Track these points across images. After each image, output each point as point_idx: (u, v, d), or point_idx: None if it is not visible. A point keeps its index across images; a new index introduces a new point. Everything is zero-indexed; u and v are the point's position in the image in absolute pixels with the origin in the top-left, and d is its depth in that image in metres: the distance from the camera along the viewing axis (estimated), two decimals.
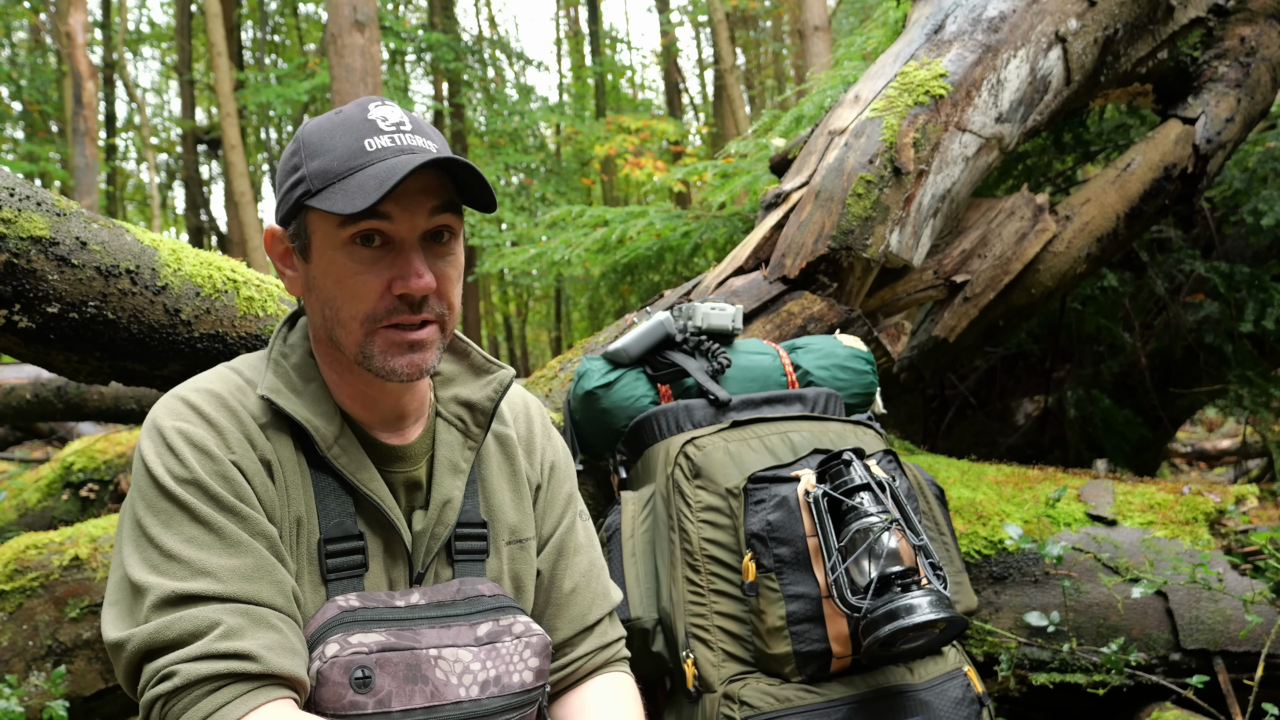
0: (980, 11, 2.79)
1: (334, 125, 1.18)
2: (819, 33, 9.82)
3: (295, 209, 1.17)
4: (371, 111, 1.18)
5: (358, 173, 1.12)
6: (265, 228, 1.22)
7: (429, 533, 1.25)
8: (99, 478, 3.48)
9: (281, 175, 1.20)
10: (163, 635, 1.05)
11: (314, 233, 1.17)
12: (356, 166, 1.13)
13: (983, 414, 4.36)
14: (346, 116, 1.18)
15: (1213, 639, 2.13)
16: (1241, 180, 3.75)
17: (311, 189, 1.14)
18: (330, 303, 1.17)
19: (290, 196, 1.17)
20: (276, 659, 1.06)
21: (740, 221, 4.11)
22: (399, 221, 1.14)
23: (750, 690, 1.63)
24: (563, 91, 21.32)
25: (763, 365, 2.07)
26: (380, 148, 1.14)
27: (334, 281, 1.16)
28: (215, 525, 1.10)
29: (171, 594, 1.06)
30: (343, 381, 1.24)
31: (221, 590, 1.07)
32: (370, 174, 1.11)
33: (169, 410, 1.17)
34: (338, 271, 1.15)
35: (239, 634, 1.06)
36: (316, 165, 1.15)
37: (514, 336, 19.39)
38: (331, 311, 1.18)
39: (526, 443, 1.42)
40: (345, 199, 1.11)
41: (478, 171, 1.14)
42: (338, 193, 1.12)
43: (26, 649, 2.08)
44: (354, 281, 1.15)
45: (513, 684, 1.20)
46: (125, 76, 17.72)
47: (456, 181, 1.17)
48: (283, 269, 1.23)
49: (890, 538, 1.54)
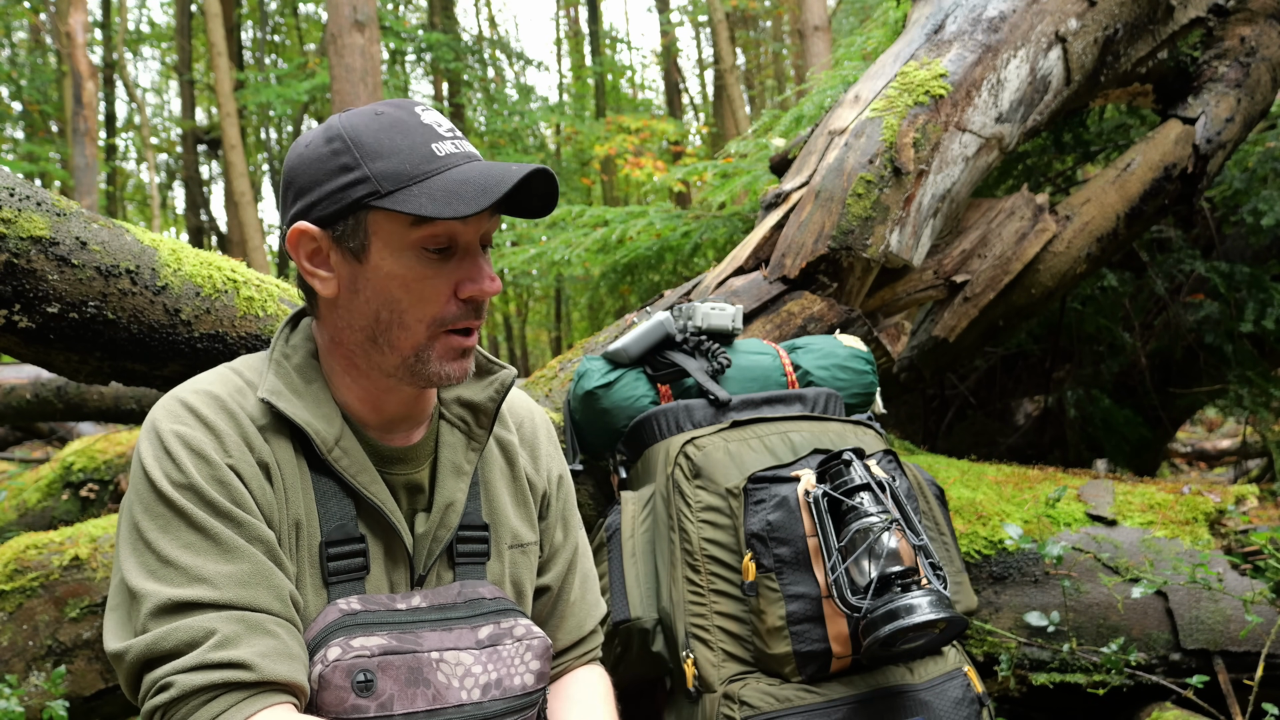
0: (980, 11, 2.79)
1: (387, 127, 1.16)
2: (819, 33, 9.82)
3: (351, 208, 1.15)
4: (423, 116, 1.18)
5: (434, 176, 1.13)
6: (293, 226, 1.18)
7: (431, 535, 1.25)
8: (99, 478, 3.48)
9: (321, 174, 1.17)
10: (160, 646, 1.05)
11: (375, 234, 1.15)
12: (431, 170, 1.13)
13: (983, 414, 4.36)
14: (397, 119, 1.17)
15: (1213, 639, 2.13)
16: (1241, 180, 3.75)
17: (381, 190, 1.13)
18: (392, 305, 1.17)
19: (343, 196, 1.15)
20: (272, 666, 1.06)
21: (740, 221, 4.11)
22: (470, 225, 1.16)
23: (750, 690, 1.63)
24: (563, 91, 21.32)
25: (763, 365, 2.07)
26: (449, 153, 1.15)
27: (400, 284, 1.16)
28: (211, 531, 1.10)
29: (168, 601, 1.06)
30: (355, 385, 1.23)
31: (217, 597, 1.07)
32: (452, 179, 1.13)
33: (167, 413, 1.16)
34: (405, 274, 1.15)
35: (234, 642, 1.05)
36: (383, 166, 1.13)
37: (514, 336, 19.39)
38: (392, 314, 1.17)
39: (531, 449, 1.42)
40: (431, 202, 1.11)
41: (556, 183, 1.17)
42: (419, 195, 1.12)
43: (26, 649, 2.08)
44: (423, 285, 1.15)
45: (514, 687, 1.20)
46: (125, 76, 17.73)
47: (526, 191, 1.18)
48: (314, 269, 1.19)
49: (890, 538, 1.54)
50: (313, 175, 1.17)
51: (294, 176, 1.19)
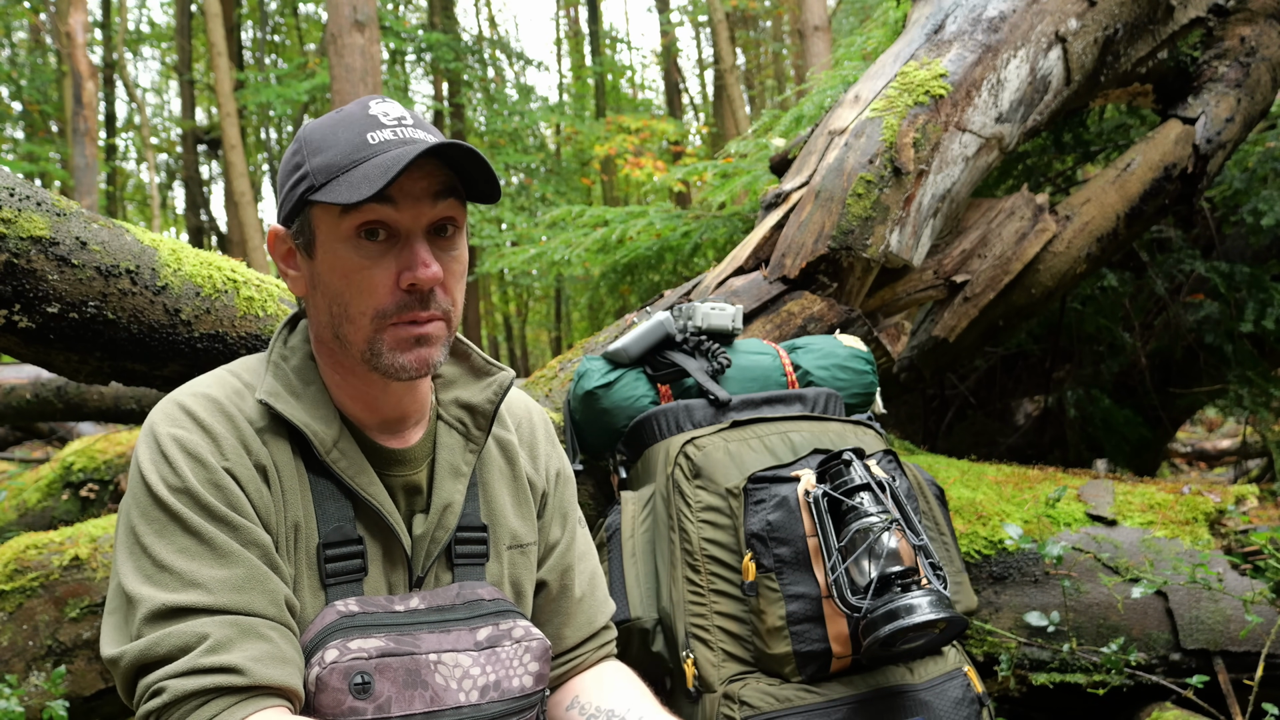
0: (980, 11, 2.78)
1: (335, 122, 1.18)
2: (819, 33, 9.82)
3: (298, 206, 1.17)
4: (373, 108, 1.18)
5: (361, 164, 1.12)
6: (268, 229, 1.23)
7: (429, 537, 1.24)
8: (99, 478, 3.48)
9: (283, 175, 1.21)
10: (153, 651, 1.05)
11: (318, 228, 1.17)
12: (360, 159, 1.13)
13: (983, 414, 4.36)
14: (347, 114, 1.19)
15: (1213, 639, 2.13)
16: (1241, 180, 3.75)
17: (315, 184, 1.14)
18: (337, 298, 1.16)
19: (293, 194, 1.18)
20: (264, 670, 1.06)
21: (740, 221, 4.11)
22: (403, 210, 1.13)
23: (750, 690, 1.63)
24: (563, 91, 21.32)
25: (763, 365, 2.07)
26: (383, 140, 1.14)
27: (340, 276, 1.15)
28: (206, 535, 1.10)
29: (162, 606, 1.06)
30: (345, 383, 1.23)
31: (211, 602, 1.07)
32: (374, 164, 1.11)
33: (165, 416, 1.16)
34: (344, 266, 1.15)
35: (226, 647, 1.05)
36: (319, 160, 1.15)
37: (514, 336, 19.39)
38: (339, 308, 1.16)
39: (530, 448, 1.41)
40: (349, 189, 1.10)
41: (480, 156, 1.13)
42: (341, 184, 1.12)
43: (26, 649, 2.08)
44: (361, 276, 1.14)
45: (512, 689, 1.20)
46: (125, 76, 17.73)
47: (460, 173, 1.17)
48: (285, 269, 1.23)
49: (890, 538, 1.54)
50: (282, 178, 1.22)
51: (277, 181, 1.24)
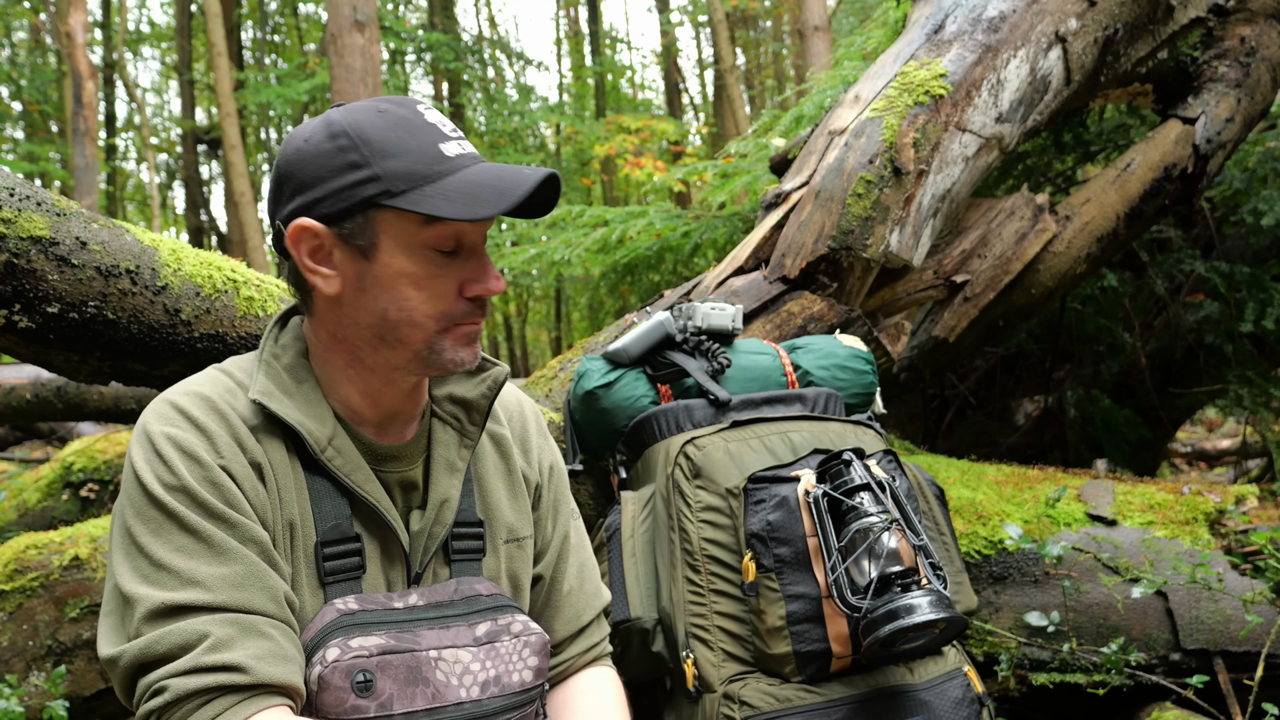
0: (980, 11, 2.78)
1: (394, 125, 1.16)
2: (819, 33, 9.82)
3: (360, 207, 1.15)
4: (426, 115, 1.19)
5: (446, 178, 1.14)
6: (294, 223, 1.17)
7: (426, 532, 1.25)
8: (99, 478, 3.48)
9: (324, 170, 1.15)
10: (153, 650, 1.05)
11: (384, 232, 1.15)
12: (443, 171, 1.14)
13: (983, 414, 4.36)
14: (402, 118, 1.17)
15: (1213, 639, 2.13)
16: (1241, 180, 3.75)
17: (393, 189, 1.13)
18: (400, 303, 1.17)
19: (352, 194, 1.14)
20: (266, 668, 1.06)
21: (740, 221, 4.11)
22: (479, 226, 1.18)
23: (750, 690, 1.63)
24: (563, 91, 21.31)
25: (763, 365, 2.07)
26: (457, 155, 1.16)
27: (410, 283, 1.17)
28: (204, 533, 1.09)
29: (161, 605, 1.06)
30: (357, 380, 1.23)
31: (211, 600, 1.07)
32: (469, 181, 1.14)
33: (158, 415, 1.16)
34: (415, 273, 1.16)
35: (228, 645, 1.05)
36: (393, 165, 1.13)
37: (514, 336, 19.39)
38: (400, 312, 1.17)
39: (522, 442, 1.42)
40: (450, 203, 1.12)
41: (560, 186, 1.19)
42: (434, 197, 1.12)
43: (26, 649, 2.08)
44: (433, 284, 1.17)
45: (512, 683, 1.20)
46: (125, 76, 17.73)
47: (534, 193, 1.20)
48: (316, 267, 1.18)
49: (890, 538, 1.54)
50: (315, 171, 1.16)
51: (292, 171, 1.17)
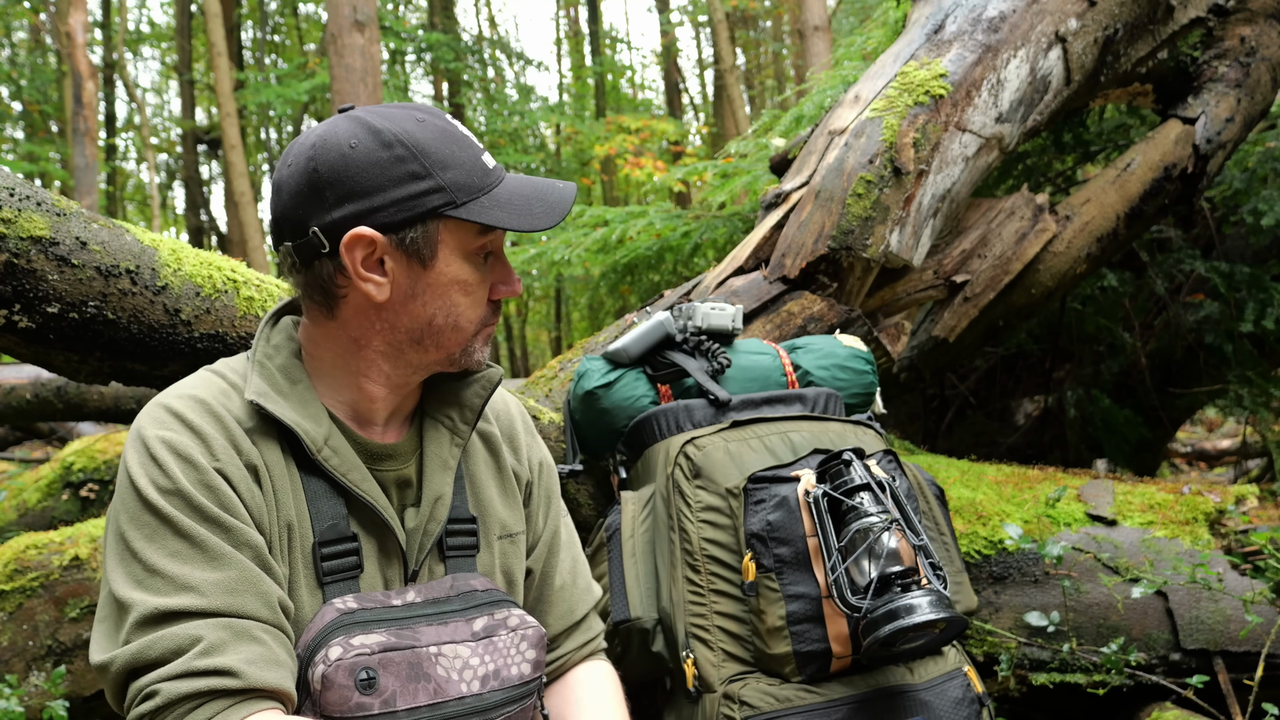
0: (980, 11, 2.79)
1: (440, 136, 1.19)
2: (819, 33, 9.82)
3: (423, 216, 1.16)
4: (459, 126, 1.24)
5: (493, 189, 1.19)
6: (351, 231, 1.16)
7: (422, 530, 1.25)
8: (99, 478, 3.48)
9: (383, 180, 1.15)
10: (145, 655, 1.05)
11: (443, 241, 1.19)
12: (489, 183, 1.20)
13: (983, 414, 4.36)
14: (445, 130, 1.20)
15: (1213, 639, 2.13)
16: (1241, 180, 3.75)
17: (456, 200, 1.16)
18: (451, 308, 1.22)
19: (417, 203, 1.15)
20: (258, 673, 1.06)
21: (740, 221, 4.11)
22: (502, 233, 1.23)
23: (750, 690, 1.63)
24: (563, 91, 21.32)
25: (763, 365, 2.07)
26: (494, 165, 1.23)
27: (462, 289, 1.22)
28: (198, 538, 1.09)
29: (154, 611, 1.06)
30: (366, 383, 1.24)
31: (204, 605, 1.07)
32: (515, 193, 1.20)
33: (152, 419, 1.15)
34: (467, 280, 1.22)
35: (220, 649, 1.05)
36: (452, 177, 1.17)
37: (514, 336, 19.39)
38: (448, 317, 1.22)
39: (510, 440, 1.43)
40: (510, 215, 1.17)
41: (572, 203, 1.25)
42: (493, 207, 1.17)
43: (26, 649, 2.08)
44: (478, 289, 1.23)
45: (511, 676, 1.22)
46: (125, 76, 17.73)
47: None
48: (368, 274, 1.17)
49: (890, 538, 1.54)
50: (373, 179, 1.15)
51: (339, 178, 1.15)
